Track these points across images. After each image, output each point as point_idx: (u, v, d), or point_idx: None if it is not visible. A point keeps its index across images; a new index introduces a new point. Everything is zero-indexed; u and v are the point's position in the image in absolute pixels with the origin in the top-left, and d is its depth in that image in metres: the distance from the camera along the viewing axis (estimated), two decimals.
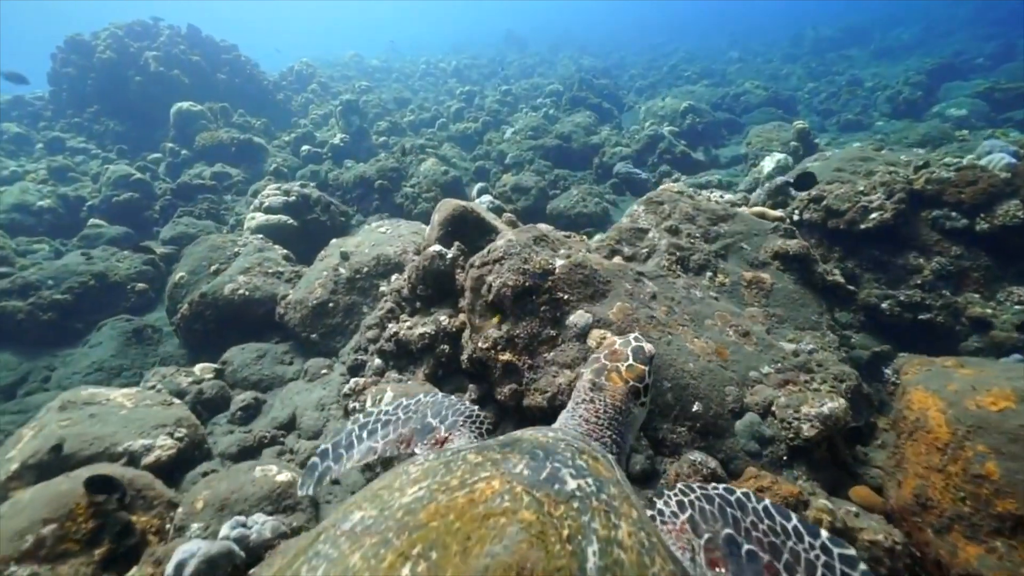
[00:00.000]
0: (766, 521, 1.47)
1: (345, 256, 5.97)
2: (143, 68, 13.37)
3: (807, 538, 1.42)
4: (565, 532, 0.97)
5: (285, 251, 6.96)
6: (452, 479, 1.12)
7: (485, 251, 4.22)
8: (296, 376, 5.46)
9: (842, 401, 3.16)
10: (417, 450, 1.83)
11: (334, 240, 6.71)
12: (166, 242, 8.72)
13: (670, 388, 3.37)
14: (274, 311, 5.97)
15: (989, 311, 4.72)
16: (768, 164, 9.15)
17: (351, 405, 4.30)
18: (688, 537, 1.42)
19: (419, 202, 10.19)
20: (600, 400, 1.79)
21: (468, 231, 5.29)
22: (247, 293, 6.03)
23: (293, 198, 8.16)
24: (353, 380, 4.44)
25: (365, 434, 2.01)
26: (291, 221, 7.92)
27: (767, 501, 1.54)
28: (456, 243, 5.04)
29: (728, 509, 1.49)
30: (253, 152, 12.31)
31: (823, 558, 1.37)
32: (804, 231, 5.81)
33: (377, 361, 4.79)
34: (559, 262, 4.03)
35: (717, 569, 1.35)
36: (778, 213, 5.29)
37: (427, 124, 16.08)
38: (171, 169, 11.84)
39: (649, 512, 1.53)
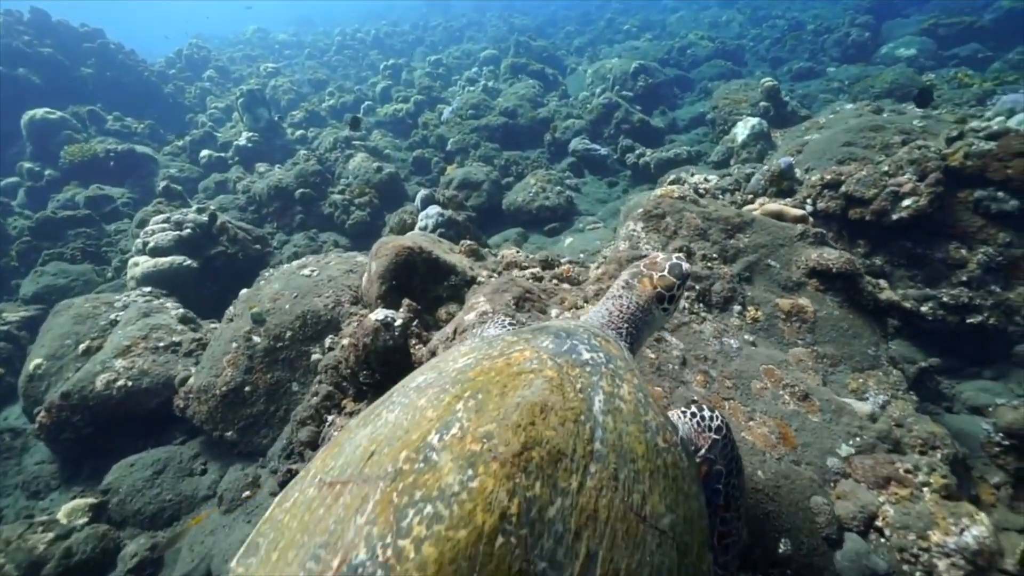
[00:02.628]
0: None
1: (259, 319, 4.54)
2: None
3: None
4: (578, 385, 1.26)
5: (181, 310, 5.39)
6: (493, 351, 1.39)
7: (450, 329, 3.00)
8: (213, 491, 4.10)
9: (987, 524, 2.25)
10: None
11: (244, 291, 5.20)
12: (28, 300, 6.83)
13: (743, 523, 2.35)
14: (172, 400, 4.50)
15: None
16: (741, 131, 8.24)
17: None
18: (703, 446, 1.68)
19: (352, 210, 8.63)
20: (628, 298, 1.98)
21: (419, 279, 4.00)
22: (129, 384, 4.51)
23: (188, 231, 6.46)
24: None
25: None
26: (188, 262, 6.27)
27: None
28: (406, 301, 3.75)
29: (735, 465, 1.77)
30: (139, 164, 10.15)
31: None
32: (820, 222, 4.90)
33: None
34: None
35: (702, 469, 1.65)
36: (798, 211, 4.32)
37: (351, 109, 14.10)
38: (33, 196, 9.55)
39: (693, 409, 1.77)
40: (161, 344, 4.87)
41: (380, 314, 3.60)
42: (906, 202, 4.35)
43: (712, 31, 19.04)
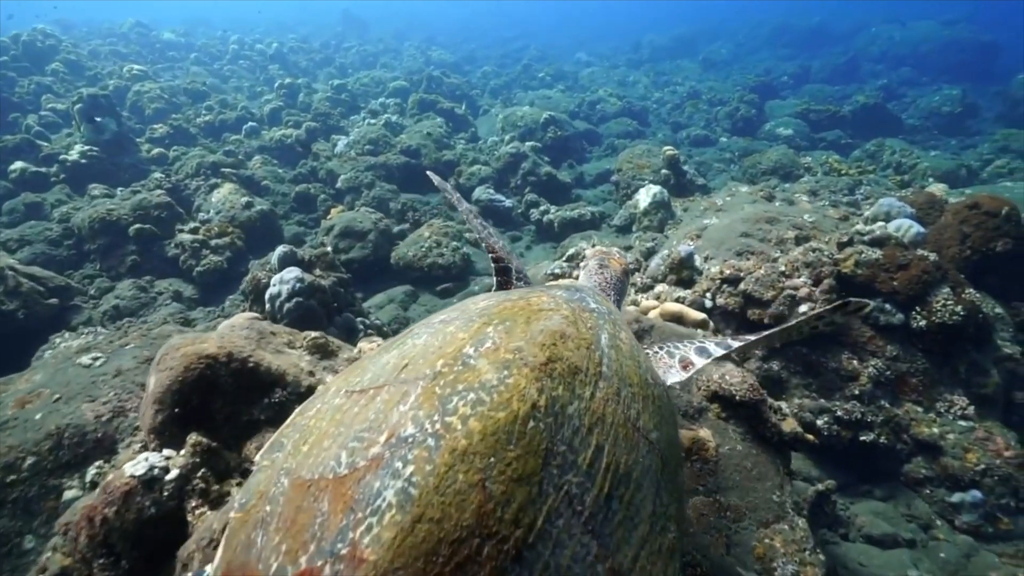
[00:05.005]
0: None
1: None
2: None
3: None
4: (588, 324, 1.44)
5: None
6: (513, 296, 1.55)
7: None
8: None
9: None
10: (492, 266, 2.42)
11: None
12: None
13: None
14: None
15: (936, 431, 3.87)
16: (644, 198, 8.12)
17: None
18: (666, 362, 1.88)
19: (204, 254, 7.17)
20: (608, 272, 2.50)
21: (223, 400, 2.91)
22: None
23: None
24: None
25: (481, 220, 2.58)
26: None
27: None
28: (192, 438, 2.65)
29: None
30: None
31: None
32: (717, 318, 4.58)
33: None
34: None
35: (688, 367, 1.84)
36: (699, 315, 3.89)
37: (232, 127, 12.44)
38: None
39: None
40: None
41: (140, 466, 2.47)
42: (803, 308, 4.12)
43: (620, 89, 19.94)
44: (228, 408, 2.92)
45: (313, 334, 3.67)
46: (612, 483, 1.12)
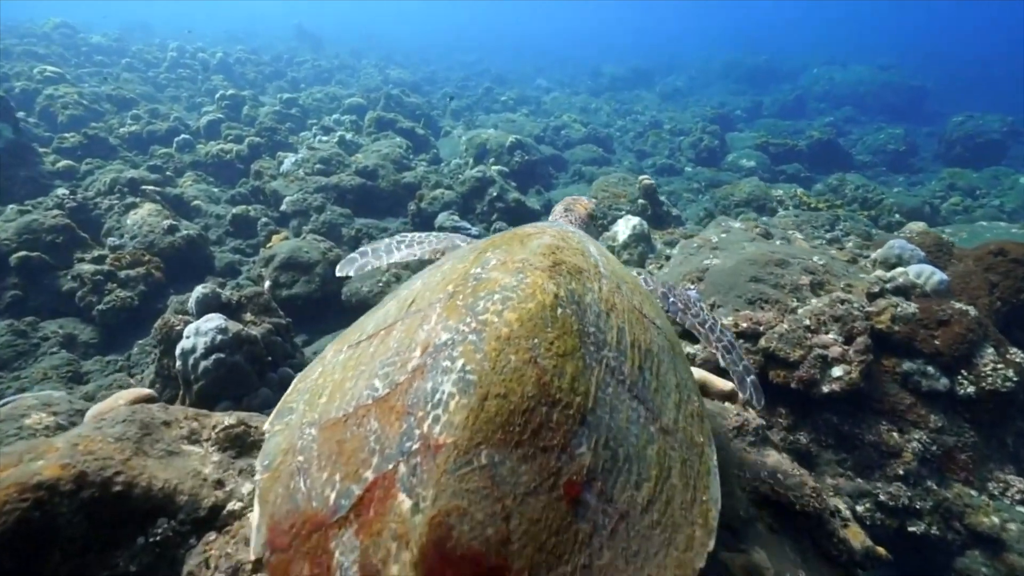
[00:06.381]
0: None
1: None
2: None
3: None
4: (575, 240, 1.58)
5: None
6: (498, 235, 1.64)
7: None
8: None
9: None
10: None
11: None
12: None
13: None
14: None
15: (996, 520, 3.30)
16: (623, 231, 7.53)
17: None
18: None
19: (110, 288, 5.91)
20: (574, 215, 2.80)
21: (64, 550, 1.88)
22: None
23: None
24: None
25: (404, 246, 2.43)
26: None
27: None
28: None
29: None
30: None
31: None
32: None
33: None
34: None
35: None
36: (726, 384, 3.18)
37: (162, 139, 11.06)
38: None
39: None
40: None
41: None
42: (837, 372, 3.51)
43: (584, 116, 19.82)
44: (74, 562, 1.86)
45: (226, 422, 2.63)
46: (641, 357, 1.28)
